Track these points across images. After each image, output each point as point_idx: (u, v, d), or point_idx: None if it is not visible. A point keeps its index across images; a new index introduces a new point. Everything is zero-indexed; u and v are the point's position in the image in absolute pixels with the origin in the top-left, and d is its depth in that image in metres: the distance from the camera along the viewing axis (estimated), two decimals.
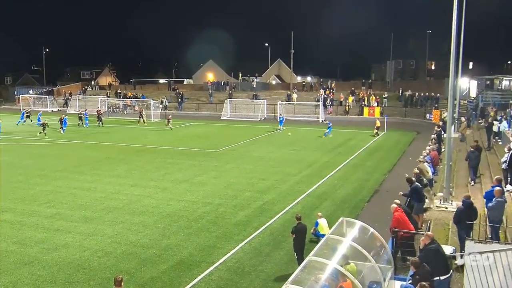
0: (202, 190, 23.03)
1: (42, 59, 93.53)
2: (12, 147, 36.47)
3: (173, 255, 15.28)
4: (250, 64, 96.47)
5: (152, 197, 21.80)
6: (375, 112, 56.80)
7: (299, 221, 14.45)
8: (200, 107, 67.44)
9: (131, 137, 41.70)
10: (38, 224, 18.12)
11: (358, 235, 11.92)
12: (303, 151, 34.53)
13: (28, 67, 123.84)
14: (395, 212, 13.70)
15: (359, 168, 28.61)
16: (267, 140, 39.62)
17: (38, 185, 24.05)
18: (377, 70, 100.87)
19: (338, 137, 41.40)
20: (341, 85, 73.52)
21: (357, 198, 21.93)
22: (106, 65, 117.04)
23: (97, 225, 17.94)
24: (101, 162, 30.12)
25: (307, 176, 26.32)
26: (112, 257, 15.05)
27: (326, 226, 16.02)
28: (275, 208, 20.27)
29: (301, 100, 62.82)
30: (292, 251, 14.56)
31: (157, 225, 18.00)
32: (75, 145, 37.64)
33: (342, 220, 12.45)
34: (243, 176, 26.11)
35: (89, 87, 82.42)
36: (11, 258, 14.88)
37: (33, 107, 71.28)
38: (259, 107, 60.16)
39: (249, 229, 17.67)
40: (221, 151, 34.18)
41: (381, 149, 35.62)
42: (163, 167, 28.66)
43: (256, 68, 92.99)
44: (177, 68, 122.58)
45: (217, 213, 19.59)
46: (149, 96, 69.60)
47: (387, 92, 62.80)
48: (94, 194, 22.30)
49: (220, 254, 15.32)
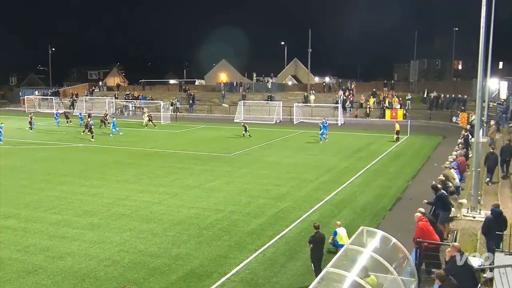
0: (214, 197, 23.08)
1: (48, 59, 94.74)
2: (16, 150, 36.96)
3: (183, 265, 15.32)
4: (265, 64, 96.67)
5: (161, 204, 21.91)
6: (397, 114, 56.42)
7: (317, 230, 14.40)
8: (212, 109, 67.68)
9: (139, 141, 41.98)
10: (43, 231, 18.31)
11: (379, 245, 11.82)
12: (320, 155, 34.44)
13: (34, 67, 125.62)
14: (419, 221, 13.57)
15: (381, 174, 28.44)
16: (282, 144, 39.59)
17: (43, 190, 24.33)
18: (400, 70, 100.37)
19: (358, 141, 41.24)
20: (362, 86, 73.21)
21: (378, 206, 21.79)
22: (114, 65, 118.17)
23: (104, 233, 18.07)
24: (108, 167, 30.37)
25: (325, 182, 26.23)
26: (119, 266, 15.14)
27: (345, 236, 15.94)
28: (291, 216, 20.23)
29: (318, 102, 62.69)
30: (309, 262, 14.50)
31: (166, 233, 18.08)
32: (81, 148, 38.02)
33: (362, 230, 12.37)
34: (257, 182, 26.11)
35: (96, 88, 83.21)
36: (15, 267, 15.05)
37: (38, 109, 72.29)
38: (274, 109, 60.17)
39: (264, 238, 17.65)
40: (234, 156, 34.24)
41: (404, 154, 35.38)
42: (173, 172, 28.79)
43: (271, 68, 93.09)
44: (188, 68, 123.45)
45: (229, 221, 19.61)
46: (159, 97, 70.05)
47: (411, 94, 62.38)
48: (101, 200, 22.48)
49: (232, 265, 15.32)
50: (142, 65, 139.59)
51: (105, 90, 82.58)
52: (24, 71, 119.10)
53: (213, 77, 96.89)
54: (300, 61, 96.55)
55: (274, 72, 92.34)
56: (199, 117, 63.76)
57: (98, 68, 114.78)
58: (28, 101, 75.47)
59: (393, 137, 41.20)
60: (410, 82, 73.06)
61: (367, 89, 68.21)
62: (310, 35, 67.30)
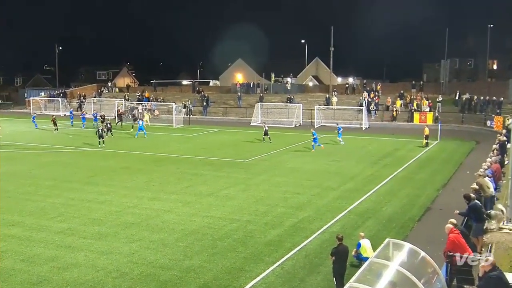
0: (229, 205, 23.11)
1: (54, 58, 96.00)
2: (20, 154, 37.47)
3: (196, 277, 15.34)
4: (284, 64, 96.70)
5: (173, 212, 22.00)
6: (427, 118, 56.02)
7: (340, 242, 14.35)
8: (228, 111, 67.89)
9: (150, 145, 42.27)
10: (48, 240, 18.50)
11: (406, 259, 11.71)
12: (343, 162, 34.32)
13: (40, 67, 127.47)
14: (450, 234, 13.43)
15: (408, 182, 28.23)
16: (302, 150, 39.53)
17: (49, 196, 24.60)
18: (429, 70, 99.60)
19: (384, 147, 41.01)
20: (388, 87, 72.91)
21: (405, 216, 21.62)
22: (124, 65, 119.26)
23: (112, 243, 18.20)
24: (117, 172, 30.62)
25: (348, 190, 26.12)
26: (128, 278, 15.23)
27: (370, 248, 15.83)
28: (311, 226, 20.17)
29: (341, 104, 62.57)
30: (330, 276, 14.44)
31: (178, 244, 18.14)
32: (89, 153, 38.40)
33: (388, 242, 12.28)
34: (275, 190, 26.09)
35: (105, 89, 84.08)
36: (18, 278, 15.22)
37: (44, 111, 73.25)
38: (293, 111, 60.17)
39: (282, 250, 17.61)
40: (250, 161, 34.28)
41: (434, 160, 35.09)
42: (185, 178, 28.92)
43: (291, 68, 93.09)
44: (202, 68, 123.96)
45: (245, 231, 19.61)
46: (171, 99, 70.58)
47: (442, 96, 61.87)
48: (109, 207, 22.66)
49: (248, 278, 15.31)
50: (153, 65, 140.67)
51: (115, 91, 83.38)
52: (29, 71, 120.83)
53: (229, 78, 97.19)
54: (322, 61, 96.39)
55: (294, 72, 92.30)
56: (214, 120, 64.02)
57: (107, 68, 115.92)
58: (33, 103, 76.55)
59: (422, 142, 40.77)
60: (440, 83, 72.44)
61: (393, 90, 67.91)
62: (332, 33, 67.34)
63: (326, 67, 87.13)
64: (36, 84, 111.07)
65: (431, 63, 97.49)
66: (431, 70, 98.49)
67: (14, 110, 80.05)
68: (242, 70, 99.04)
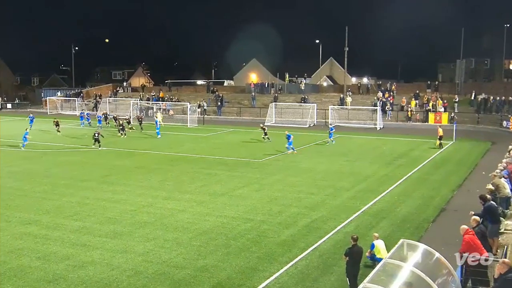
0: (243, 205, 23.14)
1: (71, 59, 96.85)
2: (38, 154, 37.82)
3: (210, 277, 15.39)
4: (299, 64, 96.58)
5: (187, 212, 22.09)
6: (442, 118, 55.61)
7: (355, 242, 14.31)
8: (242, 111, 67.97)
9: (165, 145, 42.45)
10: (64, 238, 18.67)
11: (421, 260, 11.66)
12: (357, 162, 34.19)
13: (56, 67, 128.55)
14: (465, 235, 13.33)
15: (423, 183, 28.06)
16: (316, 150, 39.46)
17: (65, 195, 24.83)
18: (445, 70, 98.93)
19: (399, 147, 40.78)
20: (403, 87, 72.49)
21: (420, 217, 21.48)
22: (139, 65, 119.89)
23: (127, 241, 18.31)
24: (132, 172, 30.80)
25: (362, 191, 26.02)
26: (142, 277, 15.31)
27: (384, 249, 15.76)
28: (325, 226, 20.13)
29: (356, 104, 62.36)
30: (344, 277, 14.40)
31: (192, 243, 18.20)
32: (104, 152, 38.66)
33: (402, 243, 12.23)
34: (289, 190, 26.08)
35: (120, 89, 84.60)
36: (34, 275, 15.37)
37: (60, 111, 73.92)
38: (308, 112, 60.05)
39: (295, 250, 17.59)
40: (264, 161, 34.29)
41: (449, 161, 34.83)
42: (199, 178, 29.01)
43: (305, 68, 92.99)
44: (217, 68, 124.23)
45: (259, 231, 19.63)
46: (186, 99, 70.80)
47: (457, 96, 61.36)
48: (124, 206, 22.81)
49: (262, 278, 15.31)
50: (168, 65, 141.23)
51: (130, 91, 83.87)
52: (46, 72, 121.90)
53: (243, 78, 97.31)
54: (336, 61, 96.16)
55: (308, 73, 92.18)
56: (228, 120, 64.10)
57: (123, 68, 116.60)
58: (50, 103, 77.26)
59: (435, 143, 40.32)
60: (456, 83, 71.88)
61: (408, 90, 67.52)
62: (347, 33, 66.98)
63: (341, 67, 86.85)
64: (53, 84, 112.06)
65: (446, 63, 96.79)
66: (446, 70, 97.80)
67: (31, 110, 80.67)
68: (257, 70, 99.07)
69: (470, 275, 12.86)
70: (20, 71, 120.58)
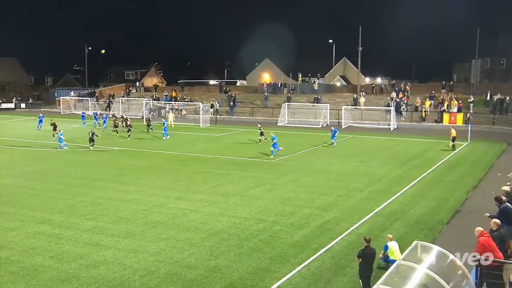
0: (255, 205, 23.15)
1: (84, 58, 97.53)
2: (51, 153, 38.14)
3: (222, 277, 15.42)
4: (312, 64, 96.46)
5: (199, 212, 22.14)
6: (456, 119, 55.22)
7: (368, 244, 14.27)
8: (254, 111, 68.01)
9: (177, 145, 42.60)
10: (77, 237, 18.80)
11: (435, 262, 11.58)
12: (371, 163, 34.06)
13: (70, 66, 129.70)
14: (480, 237, 13.23)
15: (437, 184, 27.88)
16: (329, 150, 39.36)
17: (78, 195, 25.01)
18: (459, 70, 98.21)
19: (413, 148, 40.55)
20: (417, 87, 72.11)
21: (434, 219, 21.35)
22: (152, 65, 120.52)
23: (139, 241, 18.41)
24: (144, 171, 30.94)
25: (376, 192, 25.91)
26: (154, 277, 15.38)
27: (397, 251, 15.69)
28: (337, 228, 20.08)
29: (369, 104, 62.15)
30: (357, 278, 14.36)
31: (204, 243, 18.25)
32: (117, 152, 38.89)
33: (416, 244, 12.16)
34: (302, 191, 26.04)
35: (133, 89, 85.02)
36: (47, 274, 15.50)
37: (73, 110, 74.48)
38: (321, 112, 59.95)
39: (308, 251, 17.57)
40: (277, 162, 34.27)
41: (463, 162, 34.57)
42: (212, 178, 29.07)
43: (318, 68, 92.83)
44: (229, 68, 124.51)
45: (271, 231, 19.62)
46: (198, 99, 70.99)
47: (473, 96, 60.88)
48: (137, 206, 22.92)
49: (274, 278, 15.31)
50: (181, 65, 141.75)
51: (143, 91, 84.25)
52: (60, 71, 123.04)
53: (256, 78, 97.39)
54: (350, 61, 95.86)
55: (321, 72, 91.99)
56: (240, 120, 64.17)
57: (136, 68, 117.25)
58: (63, 102, 77.87)
59: (448, 145, 39.44)
60: (471, 84, 71.36)
61: (422, 91, 67.14)
62: (360, 32, 66.71)
63: (354, 67, 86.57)
64: (66, 84, 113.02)
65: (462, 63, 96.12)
66: (461, 70, 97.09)
67: (44, 110, 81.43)
68: (269, 70, 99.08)
69: (485, 278, 12.76)
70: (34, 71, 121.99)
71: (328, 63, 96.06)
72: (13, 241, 18.36)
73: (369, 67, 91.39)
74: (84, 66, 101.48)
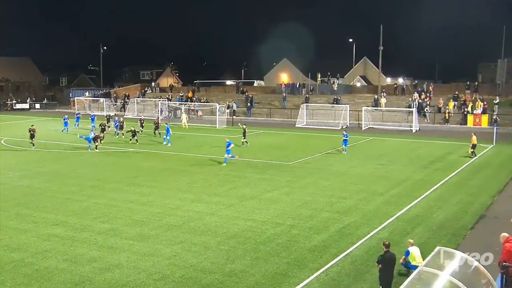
0: (273, 209, 23.13)
1: (99, 58, 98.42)
2: (65, 154, 38.54)
3: (238, 282, 15.42)
4: (331, 63, 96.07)
5: (215, 215, 22.19)
6: (481, 121, 54.61)
7: (387, 249, 14.20)
8: (272, 112, 68.00)
9: (192, 146, 42.75)
10: (91, 240, 18.95)
11: (458, 268, 11.47)
12: (391, 166, 33.84)
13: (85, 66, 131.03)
14: (505, 243, 13.09)
15: (461, 188, 27.62)
16: (349, 152, 39.17)
17: (92, 197, 25.22)
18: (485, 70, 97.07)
19: (435, 151, 40.21)
20: (440, 88, 71.49)
21: (457, 224, 21.14)
22: (167, 65, 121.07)
23: (154, 244, 18.49)
24: (160, 173, 31.10)
25: (397, 196, 25.74)
26: (169, 281, 15.43)
27: (419, 256, 15.57)
28: (357, 232, 19.98)
29: (390, 105, 61.78)
30: (377, 285, 14.28)
31: (220, 247, 18.27)
32: (132, 154, 39.14)
33: (438, 250, 12.06)
34: (320, 194, 25.97)
35: (148, 89, 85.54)
36: (61, 277, 15.64)
37: (88, 111, 75.14)
38: (340, 113, 59.75)
39: (326, 256, 17.51)
40: (295, 164, 34.22)
41: (488, 165, 34.20)
42: (228, 180, 29.11)
43: (338, 68, 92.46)
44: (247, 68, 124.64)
45: (289, 235, 19.59)
46: (215, 99, 71.21)
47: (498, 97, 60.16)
48: (152, 209, 23.04)
49: (291, 284, 15.28)
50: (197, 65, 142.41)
51: (158, 91, 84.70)
52: (74, 72, 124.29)
53: (273, 78, 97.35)
54: (370, 60, 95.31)
55: (341, 73, 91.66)
56: (258, 121, 64.19)
57: (151, 68, 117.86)
58: (78, 103, 78.69)
59: (468, 151, 37.43)
60: (497, 84, 70.58)
61: (445, 91, 66.56)
62: (381, 31, 66.39)
63: (375, 67, 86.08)
64: (81, 84, 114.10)
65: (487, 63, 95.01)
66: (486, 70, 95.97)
67: (59, 110, 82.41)
68: (287, 70, 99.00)
69: (510, 285, 12.61)
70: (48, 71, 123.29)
71: (348, 63, 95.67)
72: (27, 243, 18.58)
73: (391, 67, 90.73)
74: (99, 66, 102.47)
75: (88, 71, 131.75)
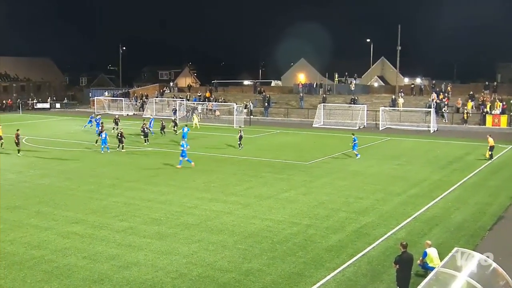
0: (289, 208, 23.11)
1: (118, 59, 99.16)
2: (85, 153, 38.89)
3: (255, 281, 15.43)
4: (349, 63, 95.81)
5: (232, 214, 22.23)
6: (500, 121, 53.98)
7: (404, 249, 14.11)
8: (289, 112, 67.94)
9: (210, 145, 42.86)
10: (110, 238, 19.11)
11: (476, 270, 11.36)
12: (409, 166, 33.61)
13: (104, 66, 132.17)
14: None
15: (480, 188, 27.33)
16: (366, 152, 38.98)
17: (111, 195, 25.43)
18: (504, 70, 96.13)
19: (454, 151, 39.84)
20: (458, 88, 70.80)
21: (475, 225, 20.93)
22: (186, 65, 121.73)
23: (172, 243, 18.59)
24: (178, 173, 31.24)
25: (414, 196, 25.56)
26: (187, 279, 15.50)
27: (437, 257, 15.45)
28: (374, 232, 19.87)
29: (408, 105, 61.37)
30: (394, 285, 14.21)
31: (237, 246, 18.31)
32: (150, 153, 39.38)
33: (456, 251, 11.96)
34: (337, 194, 25.89)
35: (167, 89, 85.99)
36: (81, 274, 15.79)
37: (107, 110, 75.80)
38: (357, 113, 59.50)
39: (343, 255, 17.45)
40: (312, 164, 34.15)
41: (508, 166, 33.80)
42: (245, 180, 29.15)
43: (355, 68, 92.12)
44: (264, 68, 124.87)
45: (305, 235, 19.56)
46: (232, 99, 71.36)
47: None
48: (169, 207, 23.16)
49: (308, 284, 15.25)
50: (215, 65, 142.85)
51: (176, 91, 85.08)
52: (94, 72, 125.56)
53: (291, 78, 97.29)
54: (388, 60, 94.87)
55: (358, 73, 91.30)
56: (275, 121, 64.20)
57: (169, 68, 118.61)
58: (97, 102, 79.40)
59: (485, 154, 36.61)
60: None
61: (464, 91, 65.82)
62: (399, 31, 65.93)
63: (392, 67, 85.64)
64: (100, 84, 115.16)
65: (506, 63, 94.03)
66: (506, 70, 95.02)
67: (79, 110, 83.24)
68: (305, 70, 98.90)
69: None
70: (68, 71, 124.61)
71: (366, 63, 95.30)
72: (47, 240, 18.80)
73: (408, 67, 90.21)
74: (118, 66, 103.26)
75: (108, 71, 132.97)
